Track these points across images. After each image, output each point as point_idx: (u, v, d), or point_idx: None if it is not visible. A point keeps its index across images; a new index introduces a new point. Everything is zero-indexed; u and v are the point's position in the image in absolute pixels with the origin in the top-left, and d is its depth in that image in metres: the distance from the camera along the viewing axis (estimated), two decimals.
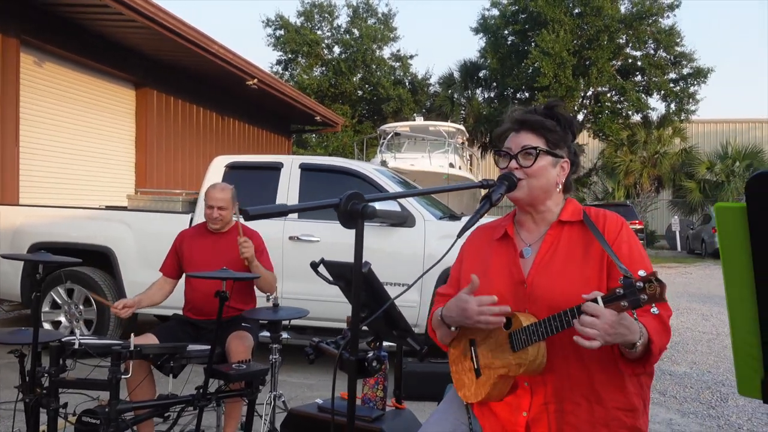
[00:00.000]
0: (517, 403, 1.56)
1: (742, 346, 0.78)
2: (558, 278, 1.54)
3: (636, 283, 1.27)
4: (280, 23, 25.86)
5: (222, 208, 3.34)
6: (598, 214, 1.62)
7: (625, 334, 1.33)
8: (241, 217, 3.37)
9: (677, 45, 21.82)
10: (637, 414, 1.51)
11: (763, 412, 4.02)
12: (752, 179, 0.67)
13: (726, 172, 21.99)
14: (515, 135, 1.64)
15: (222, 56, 9.36)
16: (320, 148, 24.17)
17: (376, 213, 1.16)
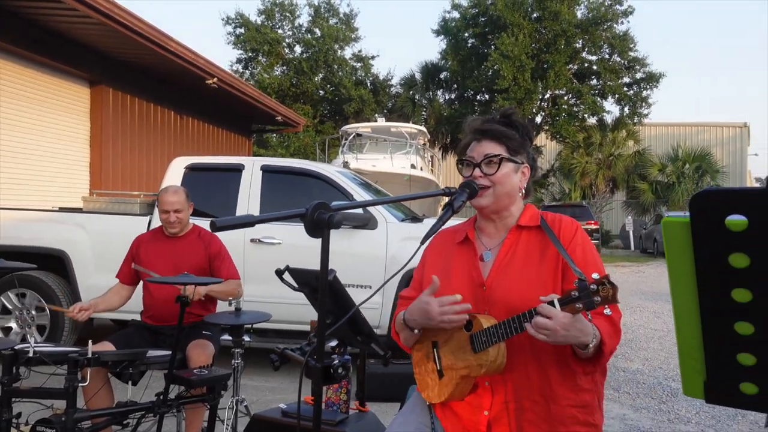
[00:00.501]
0: (479, 402, 1.60)
1: (686, 350, 0.83)
2: (516, 281, 1.60)
3: (590, 285, 1.33)
4: (240, 21, 25.56)
5: (178, 211, 3.28)
6: (554, 218, 1.68)
7: (579, 336, 1.39)
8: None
9: (631, 50, 22.50)
10: (591, 410, 1.58)
11: (709, 407, 4.20)
12: (696, 197, 0.71)
13: (677, 173, 22.77)
14: (477, 144, 1.68)
15: (181, 54, 9.19)
16: (281, 148, 23.98)
17: (342, 223, 1.17)
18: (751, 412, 4.04)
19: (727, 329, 0.78)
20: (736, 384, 0.82)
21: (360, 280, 4.56)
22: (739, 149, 31.32)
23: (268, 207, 5.03)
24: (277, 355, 1.47)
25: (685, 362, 0.85)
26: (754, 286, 0.73)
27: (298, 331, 4.87)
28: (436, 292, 1.56)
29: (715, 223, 0.71)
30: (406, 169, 12.77)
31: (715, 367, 0.82)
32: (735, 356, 0.80)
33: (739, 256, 0.72)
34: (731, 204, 0.70)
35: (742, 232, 0.70)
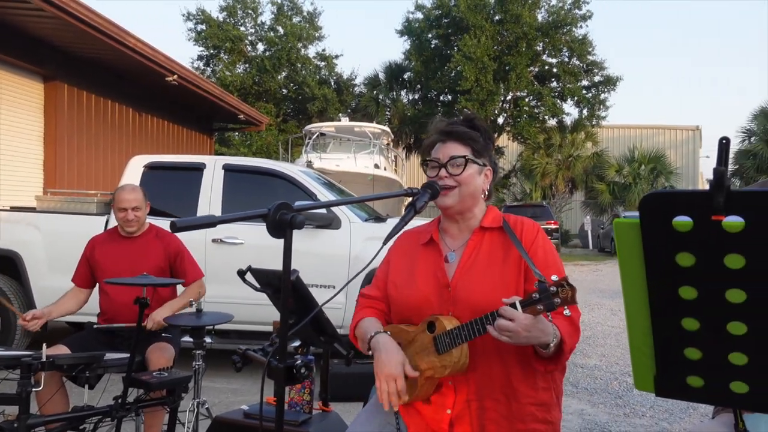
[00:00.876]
0: (442, 401, 1.63)
1: (637, 346, 0.87)
2: (479, 282, 1.62)
3: (550, 287, 1.37)
4: (201, 18, 25.13)
5: (137, 209, 3.22)
6: (516, 221, 1.71)
7: (540, 336, 1.43)
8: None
9: (589, 54, 23.03)
10: (549, 408, 1.62)
11: (662, 401, 4.34)
12: (644, 199, 0.74)
13: (633, 174, 23.42)
14: (442, 145, 1.70)
15: (139, 50, 8.99)
16: (243, 147, 23.69)
17: (306, 223, 1.17)
18: (701, 406, 4.20)
19: (674, 325, 0.81)
20: (684, 378, 0.85)
21: (323, 280, 4.55)
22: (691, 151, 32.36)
23: (231, 207, 4.97)
24: (239, 356, 1.46)
25: (636, 358, 0.89)
26: (699, 284, 0.77)
27: (260, 332, 4.83)
28: (406, 381, 1.56)
29: (663, 224, 0.74)
30: (369, 169, 12.78)
31: (664, 361, 0.86)
32: (682, 351, 0.83)
33: (685, 255, 0.76)
34: (677, 205, 0.73)
35: (688, 233, 0.74)
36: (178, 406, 2.75)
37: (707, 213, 0.71)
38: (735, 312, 0.76)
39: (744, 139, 22.24)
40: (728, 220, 0.70)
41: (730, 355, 0.80)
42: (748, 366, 0.80)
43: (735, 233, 0.71)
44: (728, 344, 0.79)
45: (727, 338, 0.79)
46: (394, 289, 1.76)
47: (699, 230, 0.73)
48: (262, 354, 1.45)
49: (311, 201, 4.82)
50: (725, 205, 0.69)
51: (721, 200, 0.68)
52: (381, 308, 1.79)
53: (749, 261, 0.72)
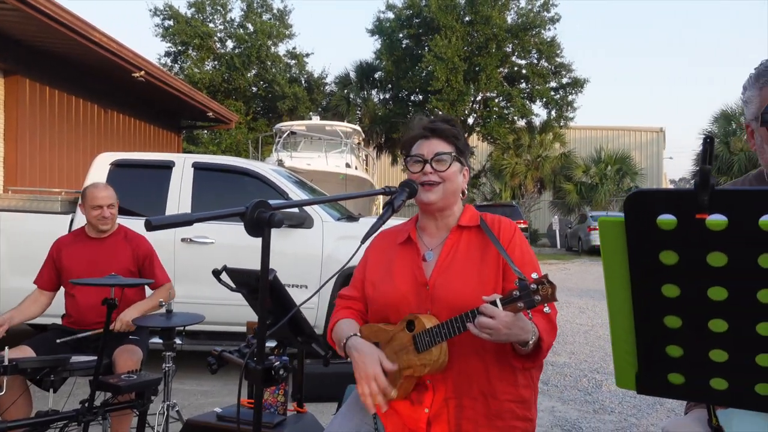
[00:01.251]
0: (420, 400, 1.62)
1: (619, 344, 0.87)
2: (458, 280, 1.63)
3: (530, 285, 1.38)
4: (169, 13, 24.70)
5: (112, 206, 3.16)
6: (493, 219, 1.72)
7: (520, 334, 1.43)
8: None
9: (557, 56, 23.40)
10: (528, 405, 1.63)
11: (631, 396, 4.42)
12: (629, 197, 0.75)
13: (600, 175, 23.87)
14: (426, 141, 1.70)
15: (105, 45, 8.78)
16: (212, 146, 23.36)
17: (284, 222, 1.15)
18: (668, 401, 4.29)
19: (657, 323, 0.82)
20: (665, 375, 0.86)
21: (296, 280, 4.51)
22: (655, 152, 33.15)
23: (201, 206, 4.89)
24: (215, 358, 1.42)
25: (618, 355, 0.89)
26: (682, 282, 0.78)
27: (231, 333, 4.76)
28: (389, 374, 1.56)
29: (647, 222, 0.75)
30: (341, 168, 12.74)
31: (645, 359, 0.86)
32: (664, 348, 0.84)
33: (668, 253, 0.76)
34: (662, 203, 0.73)
35: (672, 231, 0.74)
36: (147, 409, 2.69)
37: (691, 211, 0.71)
38: (716, 309, 0.77)
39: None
40: (712, 219, 0.71)
41: (710, 352, 0.81)
42: (728, 363, 0.81)
43: (718, 231, 0.72)
44: (709, 341, 0.80)
45: (708, 335, 0.80)
46: (371, 287, 1.75)
47: (683, 228, 0.73)
48: (238, 355, 1.42)
49: (283, 200, 4.77)
50: (709, 204, 0.69)
51: (705, 199, 0.69)
52: (358, 308, 1.78)
53: (731, 259, 0.73)
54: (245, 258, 4.80)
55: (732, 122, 21.99)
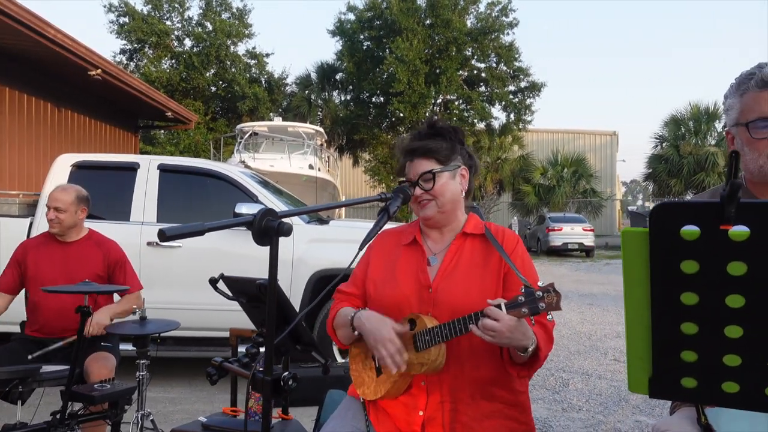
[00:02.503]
0: (414, 402, 1.63)
1: (635, 350, 0.90)
2: (460, 285, 1.65)
3: (536, 292, 1.40)
4: (124, 10, 24.06)
5: (59, 209, 3.04)
6: (497, 229, 1.76)
7: (521, 339, 1.46)
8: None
9: (515, 60, 23.84)
10: (522, 409, 1.66)
11: (597, 394, 4.54)
12: (655, 209, 0.77)
13: (557, 177, 24.42)
14: (411, 164, 1.74)
15: (59, 42, 8.48)
16: (170, 146, 22.87)
17: (292, 230, 1.14)
18: (634, 398, 4.42)
19: (674, 329, 0.85)
20: (679, 379, 0.89)
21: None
22: (609, 155, 34.14)
23: (167, 209, 4.79)
24: (215, 369, 1.39)
25: (632, 361, 0.92)
26: (701, 290, 0.81)
27: (199, 338, 4.67)
28: (402, 333, 1.58)
29: (671, 233, 0.77)
30: (304, 170, 12.67)
31: (660, 364, 0.89)
32: (679, 354, 0.87)
33: (689, 262, 0.79)
34: (687, 215, 0.76)
35: (694, 241, 0.77)
36: (120, 419, 2.62)
37: (716, 223, 0.74)
38: (733, 316, 0.81)
39: (656, 144, 23.64)
40: (735, 230, 0.74)
41: (724, 357, 0.84)
42: (740, 367, 0.84)
43: (740, 242, 0.75)
44: (724, 347, 0.84)
45: (723, 341, 0.83)
46: (373, 286, 1.76)
47: (705, 239, 0.76)
48: (239, 365, 1.39)
49: (252, 202, 4.72)
50: (735, 216, 0.72)
51: (732, 210, 0.72)
52: (357, 305, 1.79)
53: (750, 268, 0.76)
54: (211, 262, 4.77)
55: (681, 126, 22.83)
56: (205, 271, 5.07)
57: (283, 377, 1.18)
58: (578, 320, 7.88)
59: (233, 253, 4.62)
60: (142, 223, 4.68)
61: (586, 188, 24.90)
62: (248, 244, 5.09)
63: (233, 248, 4.62)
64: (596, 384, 4.83)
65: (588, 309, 8.91)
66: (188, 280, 4.61)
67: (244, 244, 4.63)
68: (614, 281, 12.97)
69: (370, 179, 24.58)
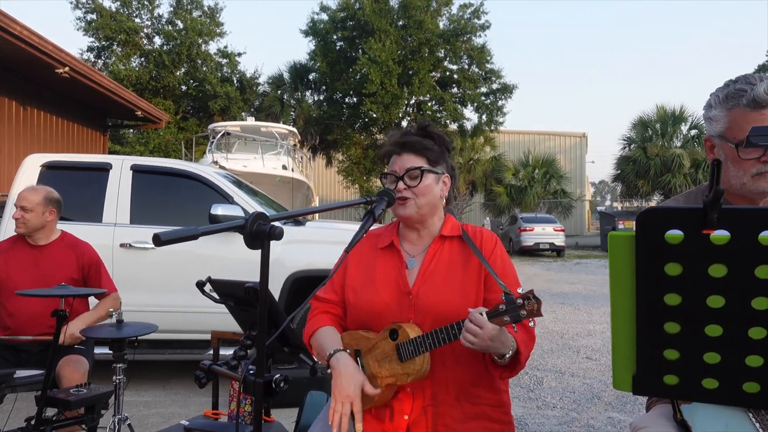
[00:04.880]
0: (399, 407, 1.64)
1: (619, 348, 0.93)
2: (441, 290, 1.65)
3: (516, 300, 1.42)
4: (92, 6, 23.57)
5: (25, 209, 2.98)
6: (474, 231, 1.76)
7: (499, 347, 1.47)
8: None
9: (487, 62, 24.07)
10: (504, 408, 1.69)
11: (570, 392, 4.63)
12: (642, 214, 0.81)
13: (528, 178, 24.74)
14: (398, 157, 1.72)
15: (26, 39, 8.28)
16: (139, 146, 22.48)
17: (284, 233, 1.15)
18: (606, 395, 4.52)
19: (657, 329, 0.89)
20: (661, 376, 0.93)
21: None
22: (579, 156, 34.73)
23: (140, 211, 4.73)
24: (203, 372, 1.38)
25: (617, 359, 0.95)
26: (684, 291, 0.84)
27: (174, 341, 4.62)
28: (370, 397, 1.56)
29: (656, 237, 0.81)
30: (278, 170, 12.59)
31: (644, 362, 0.93)
32: (662, 352, 0.91)
33: (673, 265, 0.83)
34: (672, 220, 0.80)
35: (678, 245, 0.81)
36: (97, 424, 2.58)
37: (699, 227, 0.78)
38: (713, 316, 0.85)
39: (624, 146, 24.13)
40: (716, 234, 0.78)
41: (705, 355, 0.89)
42: (720, 364, 0.89)
43: (721, 245, 0.79)
44: (704, 345, 0.88)
45: (704, 340, 0.87)
46: (352, 293, 1.74)
47: (689, 243, 0.80)
48: (227, 368, 1.39)
49: (228, 203, 4.68)
50: (717, 221, 0.76)
51: (714, 216, 0.75)
52: (336, 313, 1.78)
53: (731, 270, 0.80)
54: (184, 264, 4.72)
55: (648, 128, 23.34)
56: (179, 273, 5.03)
57: (274, 379, 1.18)
58: (550, 319, 8.01)
59: (206, 255, 4.58)
60: (114, 225, 4.61)
61: (556, 189, 25.28)
62: (222, 246, 5.05)
63: (206, 250, 4.58)
64: (569, 382, 4.92)
65: (560, 308, 9.06)
66: (162, 283, 4.55)
67: (218, 246, 4.61)
68: (584, 280, 13.20)
69: (343, 180, 24.55)
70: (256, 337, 1.21)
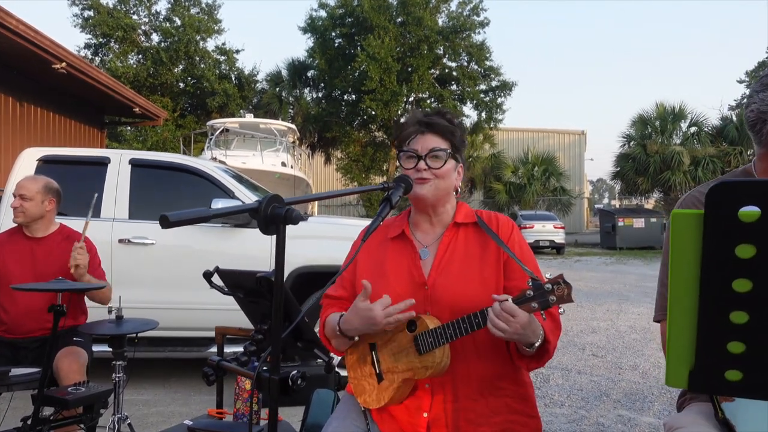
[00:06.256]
0: (418, 404, 1.55)
1: (676, 341, 0.85)
2: (458, 279, 1.56)
3: (545, 285, 1.33)
4: (89, 3, 23.41)
5: (24, 197, 2.90)
6: (490, 216, 1.67)
7: (530, 336, 1.39)
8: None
9: (487, 59, 23.98)
10: (528, 402, 1.59)
11: (578, 389, 4.54)
12: (712, 189, 0.72)
13: (527, 175, 24.65)
14: (421, 137, 1.62)
15: (22, 33, 8.17)
16: (137, 143, 22.34)
17: (302, 217, 1.06)
18: (615, 393, 4.44)
19: (722, 319, 0.80)
20: (723, 371, 0.84)
21: None
22: (577, 154, 34.67)
23: (139, 206, 4.63)
24: (212, 368, 1.29)
25: (672, 352, 0.86)
26: (755, 276, 0.76)
27: (174, 338, 4.53)
28: (369, 296, 1.48)
29: (728, 215, 0.72)
30: (276, 167, 12.50)
31: (704, 355, 0.84)
32: (725, 345, 0.82)
33: (746, 246, 0.74)
34: (747, 195, 0.71)
35: (753, 223, 0.72)
36: (96, 423, 2.49)
37: None
38: None
39: (624, 143, 24.05)
40: None
41: None
42: None
43: None
44: None
45: None
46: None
47: (765, 221, 0.71)
48: (237, 364, 1.30)
49: (228, 198, 4.59)
50: None
51: None
52: (347, 307, 1.69)
53: None
54: (186, 259, 4.62)
55: (648, 126, 23.27)
56: (180, 269, 4.93)
57: (291, 376, 1.09)
58: None
59: (206, 250, 4.49)
60: (113, 220, 4.51)
61: (555, 186, 25.20)
62: (222, 241, 4.95)
63: (207, 245, 4.48)
64: (576, 379, 4.84)
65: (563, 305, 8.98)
66: (161, 279, 4.46)
67: (219, 242, 4.51)
68: (585, 277, 13.13)
69: (342, 177, 24.44)
70: (270, 331, 1.12)
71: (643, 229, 21.49)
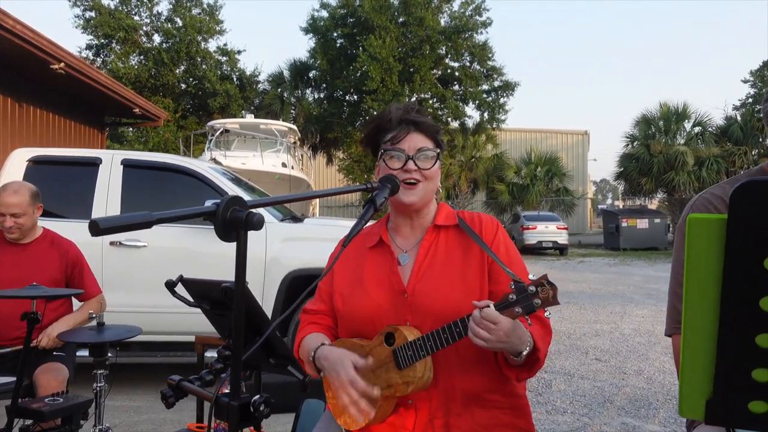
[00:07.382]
0: (401, 423, 1.43)
1: (691, 367, 0.73)
2: (439, 285, 1.45)
3: (528, 287, 1.22)
4: (90, 4, 23.37)
5: (16, 215, 2.76)
6: (472, 216, 1.56)
7: (516, 344, 1.28)
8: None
9: (489, 59, 23.83)
10: (521, 412, 1.48)
11: (580, 396, 4.42)
12: (739, 188, 0.60)
13: (530, 176, 24.52)
14: (409, 135, 1.50)
15: (19, 33, 8.08)
16: (138, 144, 22.28)
17: (263, 221, 0.95)
18: (618, 400, 4.31)
19: (747, 342, 0.68)
20: (746, 402, 0.72)
21: None
22: (581, 154, 34.49)
23: (131, 207, 4.52)
24: (171, 389, 1.18)
25: (686, 379, 0.75)
26: None
27: (167, 343, 4.42)
28: (363, 369, 1.38)
29: (758, 219, 0.60)
30: (277, 168, 12.40)
31: (724, 384, 0.72)
32: (750, 372, 0.70)
33: None
34: None
35: None
36: None
37: None
38: None
39: (627, 143, 23.87)
40: None
41: None
42: None
43: None
44: None
45: None
46: (340, 300, 1.54)
47: None
48: (200, 384, 1.18)
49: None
50: None
51: None
52: (326, 323, 1.58)
53: None
54: (181, 262, 4.51)
55: (651, 126, 23.08)
56: (173, 273, 4.81)
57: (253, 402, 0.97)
58: (556, 319, 7.80)
59: (201, 252, 4.38)
60: None
61: (558, 187, 25.05)
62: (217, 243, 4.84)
63: (203, 247, 4.38)
64: (579, 385, 4.71)
65: (565, 307, 8.85)
66: (154, 282, 4.33)
67: (213, 244, 4.39)
68: (589, 279, 13.00)
69: (344, 178, 24.34)
70: (232, 348, 1.00)
71: (647, 229, 21.34)
